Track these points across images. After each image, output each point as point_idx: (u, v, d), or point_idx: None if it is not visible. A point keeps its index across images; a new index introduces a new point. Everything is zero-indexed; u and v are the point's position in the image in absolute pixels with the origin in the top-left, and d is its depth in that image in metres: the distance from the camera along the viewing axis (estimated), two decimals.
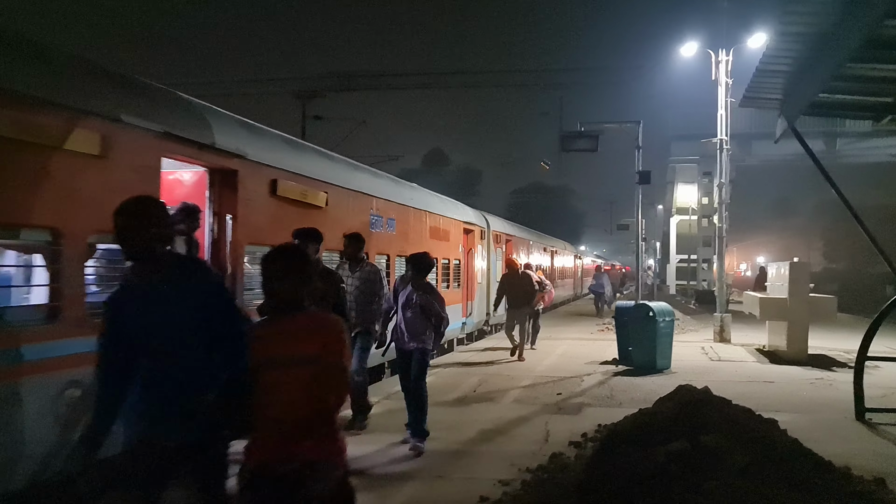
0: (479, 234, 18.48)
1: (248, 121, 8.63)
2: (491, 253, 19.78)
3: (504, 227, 22.73)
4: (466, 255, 17.33)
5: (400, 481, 6.10)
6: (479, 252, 18.56)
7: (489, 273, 19.42)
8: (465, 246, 17.22)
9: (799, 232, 63.81)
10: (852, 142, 43.55)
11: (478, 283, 18.33)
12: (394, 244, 12.39)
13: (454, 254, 16.14)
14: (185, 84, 31.87)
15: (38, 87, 4.97)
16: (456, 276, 16.27)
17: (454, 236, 16.16)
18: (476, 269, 18.13)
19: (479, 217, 19.16)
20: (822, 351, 14.37)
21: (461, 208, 17.87)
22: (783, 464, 4.79)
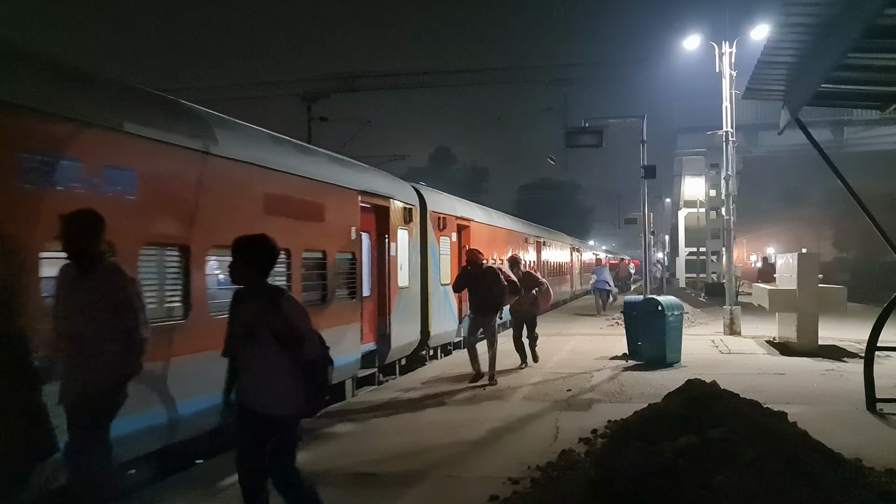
0: (404, 216, 12.52)
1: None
2: (431, 244, 14.04)
3: (454, 209, 16.10)
4: (376, 245, 11.90)
5: (409, 480, 6.12)
6: (405, 242, 12.63)
7: (427, 273, 13.74)
8: (375, 231, 11.87)
9: (808, 222, 63.48)
10: (860, 130, 43.30)
11: (401, 288, 12.33)
12: (197, 226, 6.88)
13: (339, 243, 9.93)
14: (190, 88, 32.00)
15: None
16: (347, 281, 10.24)
17: (341, 215, 10.02)
18: (400, 267, 12.30)
19: (402, 190, 13.10)
20: (833, 341, 14.32)
21: (363, 173, 11.62)
22: (793, 457, 4.77)
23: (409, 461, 6.74)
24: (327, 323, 8.80)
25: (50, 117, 5.35)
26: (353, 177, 10.85)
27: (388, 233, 11.92)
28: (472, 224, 17.21)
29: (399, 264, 12.27)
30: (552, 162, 32.59)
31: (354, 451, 7.16)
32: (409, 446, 7.27)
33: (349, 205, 10.37)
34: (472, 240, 16.51)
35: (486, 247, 16.55)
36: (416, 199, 13.50)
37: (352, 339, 10.21)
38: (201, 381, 6.15)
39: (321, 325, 7.12)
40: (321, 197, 9.51)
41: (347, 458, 6.86)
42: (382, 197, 11.74)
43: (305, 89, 31.88)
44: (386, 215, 11.87)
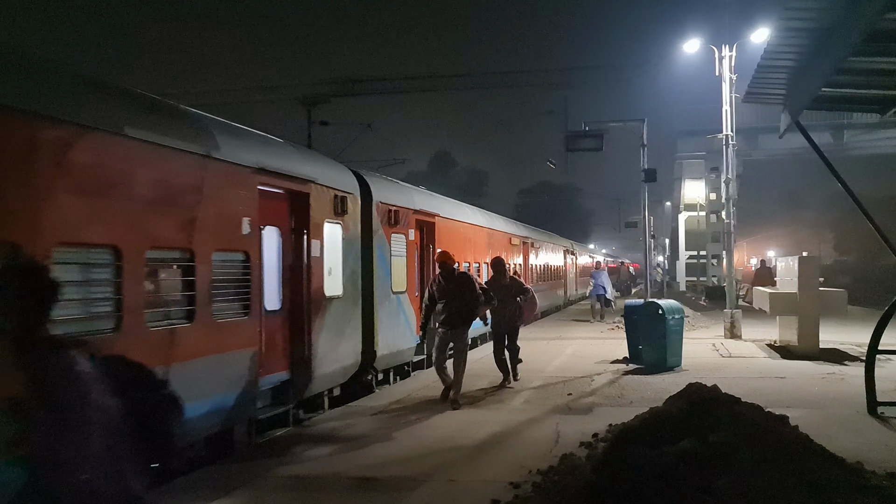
0: (335, 206, 9.70)
1: None
2: (379, 243, 11.31)
3: (411, 200, 13.13)
4: (292, 244, 8.88)
5: (410, 484, 6.12)
6: (337, 240, 9.77)
7: (373, 279, 11.01)
8: (289, 225, 8.89)
9: (809, 225, 63.46)
10: (860, 133, 43.35)
11: (330, 298, 9.45)
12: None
13: (220, 239, 7.27)
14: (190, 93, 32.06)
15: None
16: (234, 291, 7.49)
17: (223, 200, 7.33)
18: (328, 272, 9.45)
19: (332, 172, 10.11)
20: (834, 345, 14.31)
21: (265, 146, 8.67)
22: (794, 460, 4.78)
23: (410, 466, 6.74)
24: (192, 351, 6.54)
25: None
26: (246, 149, 7.86)
27: (307, 227, 8.89)
28: (438, 220, 14.27)
29: (327, 268, 9.36)
30: (552, 166, 32.63)
31: (355, 455, 7.16)
32: (410, 451, 7.26)
33: (237, 187, 7.48)
34: (438, 239, 13.97)
35: (458, 248, 14.57)
36: (354, 186, 10.58)
37: (241, 369, 7.35)
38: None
39: (178, 356, 6.32)
40: (184, 173, 6.76)
41: (348, 463, 6.86)
42: (297, 180, 8.75)
43: (305, 93, 31.92)
44: (305, 204, 8.90)
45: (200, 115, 7.85)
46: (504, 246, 20.39)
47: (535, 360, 13.81)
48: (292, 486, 6.21)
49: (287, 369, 8.66)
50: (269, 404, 8.32)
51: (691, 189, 49.12)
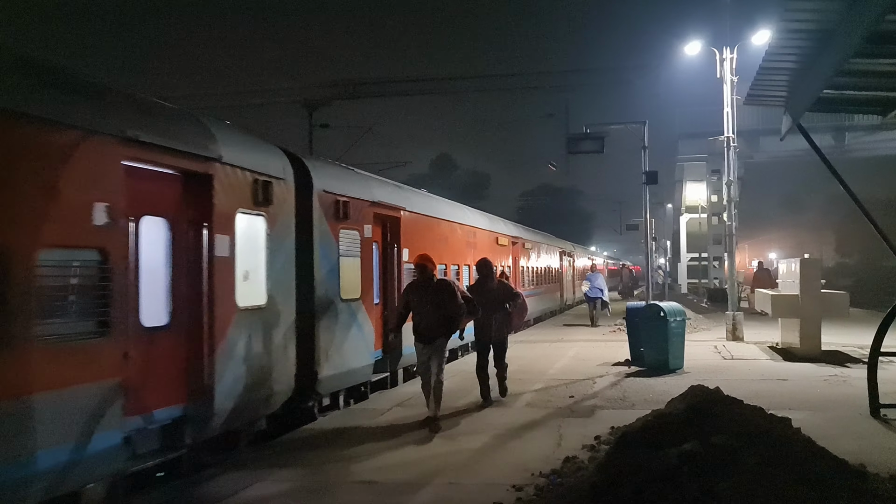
0: (255, 193, 7.86)
1: None
2: (322, 240, 9.40)
3: (367, 191, 11.09)
4: (191, 240, 7.02)
5: (413, 488, 6.11)
6: (258, 236, 7.97)
7: (314, 284, 9.17)
8: (186, 216, 7.01)
9: (811, 227, 63.42)
10: (861, 135, 43.29)
11: (245, 309, 7.54)
12: None
13: (49, 233, 5.34)
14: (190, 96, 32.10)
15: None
16: (80, 303, 5.67)
17: (54, 178, 5.38)
18: (243, 276, 7.55)
19: (249, 150, 8.12)
20: (836, 347, 14.30)
21: (130, 107, 6.41)
22: (797, 463, 4.77)
23: (412, 469, 6.74)
24: (12, 388, 4.89)
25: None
26: (104, 111, 5.95)
27: (210, 219, 7.01)
28: (405, 215, 12.24)
29: (240, 271, 7.43)
30: (553, 168, 32.63)
31: (356, 459, 7.15)
32: (412, 454, 7.26)
33: (84, 161, 5.61)
34: (405, 237, 12.10)
35: (431, 248, 12.51)
36: (286, 170, 8.65)
37: (90, 409, 5.50)
38: None
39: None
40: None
41: (349, 466, 6.86)
42: (192, 157, 6.79)
43: (306, 96, 31.94)
44: (206, 190, 7.02)
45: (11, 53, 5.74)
46: (489, 246, 18.35)
47: (536, 363, 13.82)
48: (294, 490, 6.21)
49: (180, 402, 6.63)
50: (154, 449, 6.40)
51: (693, 191, 49.16)
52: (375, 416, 9.24)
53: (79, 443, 5.36)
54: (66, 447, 5.25)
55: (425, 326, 8.59)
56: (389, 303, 11.62)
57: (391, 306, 11.44)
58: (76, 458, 5.32)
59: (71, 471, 5.28)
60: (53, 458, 5.13)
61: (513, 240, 21.83)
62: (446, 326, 8.63)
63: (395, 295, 11.34)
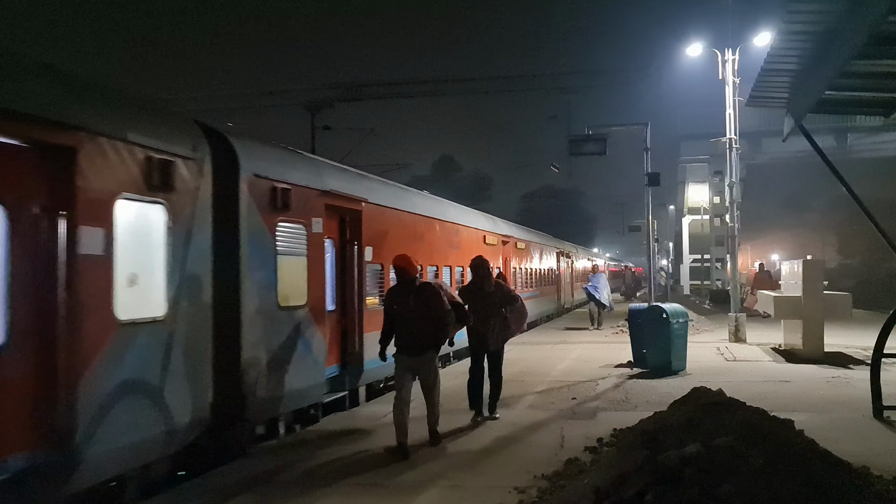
0: (147, 174, 6.27)
1: None
2: (252, 235, 7.83)
3: (317, 179, 9.49)
4: (41, 232, 5.41)
5: (415, 490, 6.11)
6: (157, 227, 6.49)
7: (242, 289, 7.61)
8: (20, 202, 5.26)
9: (813, 228, 63.26)
10: (863, 136, 43.35)
11: (127, 324, 5.95)
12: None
13: None
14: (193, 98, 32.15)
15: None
16: None
17: None
18: (128, 281, 6.02)
19: (135, 117, 6.44)
20: (839, 348, 14.29)
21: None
22: (800, 465, 4.76)
23: (415, 472, 6.73)
24: None
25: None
26: None
27: (72, 207, 5.50)
28: (368, 208, 10.60)
29: (123, 274, 5.91)
30: (556, 170, 32.63)
31: (360, 461, 7.15)
32: (414, 456, 7.25)
33: None
34: (368, 233, 10.56)
35: (402, 246, 11.15)
36: (196, 147, 7.02)
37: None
38: None
39: None
40: None
41: (351, 468, 6.85)
42: (46, 124, 5.33)
43: (309, 98, 31.98)
44: (68, 168, 5.51)
45: None
46: (475, 246, 16.69)
47: (539, 365, 13.82)
48: (298, 493, 6.21)
49: (24, 450, 5.10)
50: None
51: (695, 192, 49.26)
52: (373, 419, 9.16)
53: None
54: None
55: (409, 336, 7.53)
56: (348, 310, 10.14)
57: (351, 314, 10.14)
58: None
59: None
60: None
61: (503, 239, 20.20)
62: (434, 336, 7.61)
63: (356, 300, 10.18)
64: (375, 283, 11.01)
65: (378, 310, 9.41)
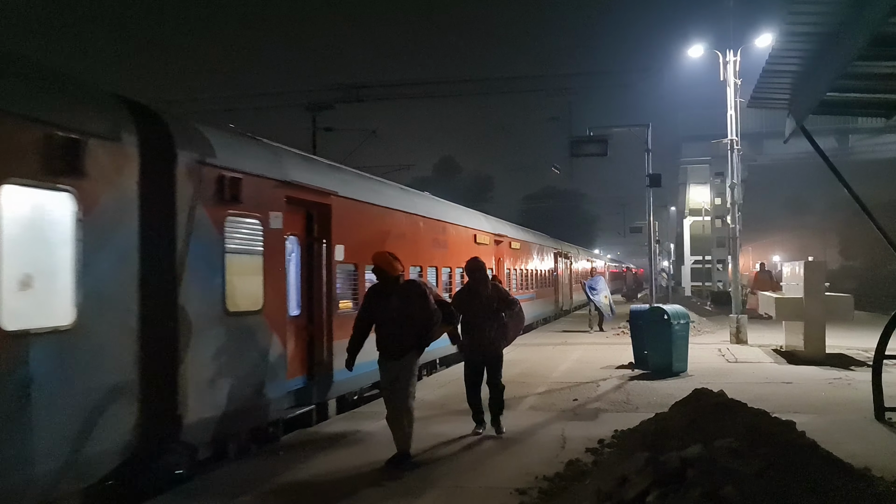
0: (45, 155, 5.18)
1: None
2: (196, 232, 6.87)
3: (278, 168, 8.49)
4: None
5: (416, 490, 6.11)
6: (46, 222, 5.39)
7: (176, 294, 6.60)
8: None
9: (814, 229, 63.38)
10: (865, 138, 43.31)
11: (23, 336, 4.96)
12: None
13: None
14: (193, 99, 32.17)
15: None
16: None
17: None
18: (19, 283, 5.05)
19: (21, 84, 5.29)
20: (840, 350, 14.28)
21: None
22: (801, 466, 4.75)
23: (416, 472, 6.72)
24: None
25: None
26: None
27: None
28: (338, 202, 9.59)
29: (9, 276, 4.96)
30: (557, 171, 32.62)
31: (361, 461, 7.15)
32: (416, 457, 7.24)
33: None
34: (338, 230, 9.53)
35: (385, 246, 10.03)
36: (117, 125, 6.06)
37: None
38: None
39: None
40: None
41: (353, 469, 6.85)
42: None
43: (310, 100, 31.99)
44: None
45: None
46: (464, 245, 15.58)
47: (540, 366, 13.82)
48: (298, 492, 6.21)
49: None
50: None
51: (696, 194, 49.26)
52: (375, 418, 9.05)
53: None
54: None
55: (392, 339, 6.95)
56: (316, 315, 9.08)
57: (319, 319, 9.10)
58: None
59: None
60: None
61: (497, 238, 19.11)
62: (418, 337, 6.99)
63: (326, 304, 9.18)
64: (349, 286, 10.08)
65: (352, 314, 8.29)
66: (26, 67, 5.61)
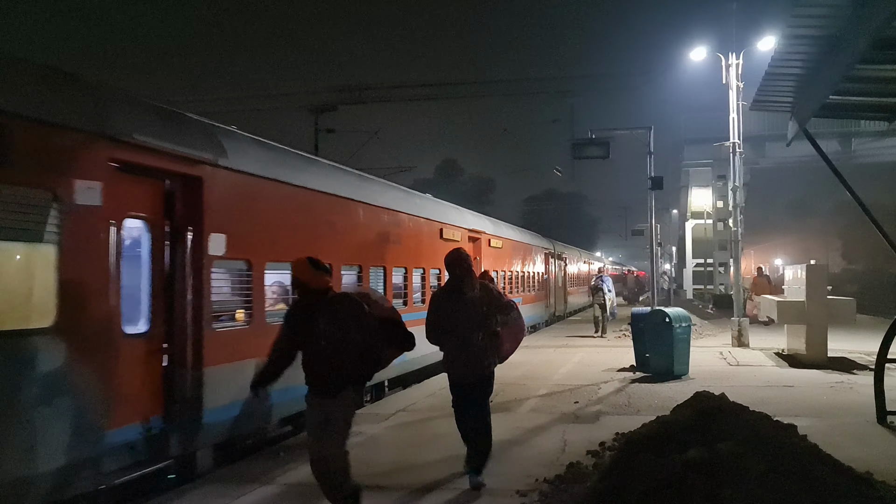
0: None
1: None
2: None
3: (72, 108, 5.69)
4: None
5: (419, 493, 6.10)
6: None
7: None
8: None
9: (817, 233, 63.29)
10: (868, 141, 43.21)
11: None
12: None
13: None
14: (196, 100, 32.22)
15: None
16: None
17: None
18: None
19: None
20: (842, 353, 14.25)
21: None
22: (802, 470, 4.74)
23: (417, 474, 6.72)
24: None
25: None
26: None
27: None
28: (217, 174, 7.12)
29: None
30: (559, 173, 32.60)
31: (361, 463, 7.14)
32: (417, 459, 7.24)
33: None
34: (213, 214, 6.99)
35: (294, 237, 8.32)
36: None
37: None
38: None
39: None
40: None
41: (354, 471, 6.83)
42: None
43: (313, 101, 32.04)
44: None
45: None
46: (428, 241, 13.07)
47: (541, 368, 13.81)
48: (298, 493, 6.20)
49: None
50: None
51: (698, 197, 49.11)
52: (376, 421, 9.11)
53: None
54: None
55: (320, 371, 5.25)
56: (178, 331, 6.61)
57: (182, 337, 6.62)
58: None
59: None
60: None
61: (472, 235, 16.26)
62: (357, 368, 5.36)
63: (192, 316, 6.70)
64: (237, 291, 7.51)
65: (237, 329, 6.95)
66: None
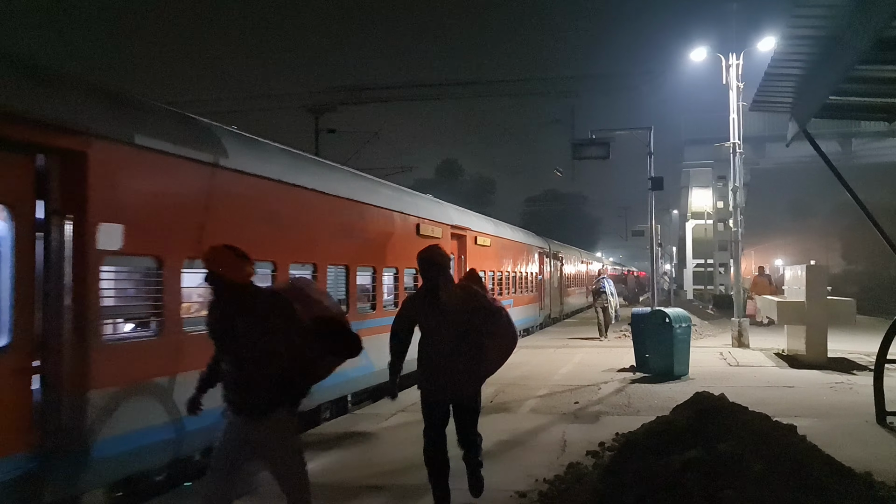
0: None
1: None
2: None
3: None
4: None
5: (419, 492, 6.09)
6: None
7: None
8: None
9: (817, 234, 63.27)
10: (868, 142, 43.21)
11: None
12: None
13: None
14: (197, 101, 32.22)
15: None
16: None
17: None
18: None
19: None
20: (842, 354, 14.25)
21: None
22: (802, 470, 4.74)
23: (416, 474, 6.71)
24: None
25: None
26: None
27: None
28: (106, 151, 5.65)
29: None
30: (559, 174, 32.61)
31: (360, 464, 7.14)
32: (416, 459, 7.23)
33: None
34: (109, 201, 5.67)
35: (228, 229, 6.91)
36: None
37: None
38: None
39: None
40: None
41: (353, 471, 6.84)
42: None
43: (313, 101, 32.05)
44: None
45: None
46: (402, 237, 11.66)
47: (541, 368, 13.81)
48: None
49: None
50: None
51: (698, 197, 49.12)
52: (375, 421, 9.10)
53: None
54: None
55: (241, 387, 4.25)
56: (52, 345, 5.21)
57: (57, 352, 5.22)
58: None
59: None
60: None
61: (455, 231, 14.91)
62: (286, 386, 4.30)
63: (73, 325, 5.31)
64: (143, 293, 6.25)
65: (141, 342, 6.05)
66: None
